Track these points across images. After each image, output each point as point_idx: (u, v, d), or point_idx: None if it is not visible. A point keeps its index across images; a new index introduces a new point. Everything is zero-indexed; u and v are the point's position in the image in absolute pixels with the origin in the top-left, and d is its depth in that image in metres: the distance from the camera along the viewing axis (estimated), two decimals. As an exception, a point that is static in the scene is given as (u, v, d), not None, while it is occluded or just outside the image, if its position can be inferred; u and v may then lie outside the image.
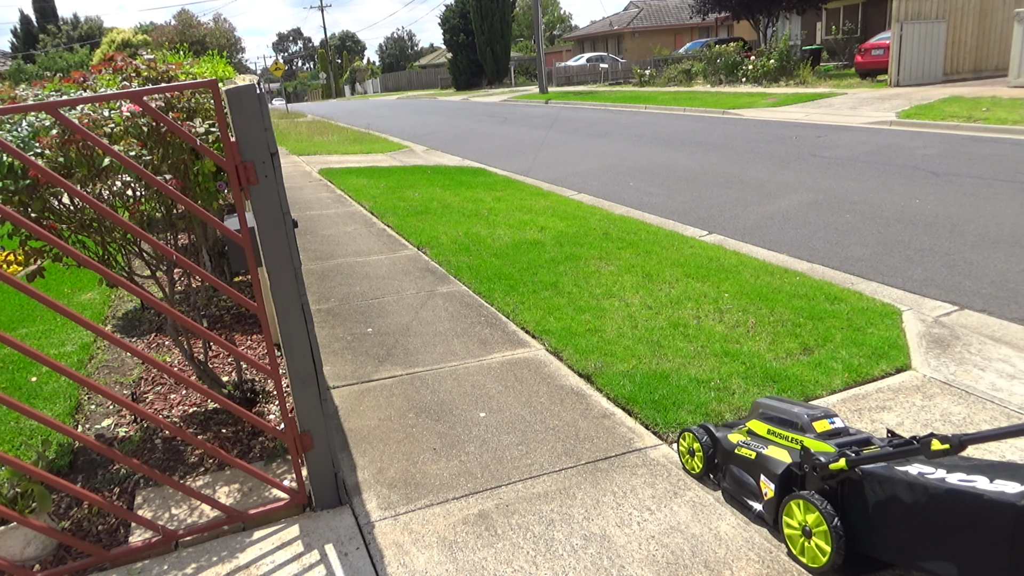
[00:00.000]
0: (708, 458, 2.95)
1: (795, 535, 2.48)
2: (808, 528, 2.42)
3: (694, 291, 5.30)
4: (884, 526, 2.26)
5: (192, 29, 56.99)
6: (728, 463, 2.86)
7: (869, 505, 2.29)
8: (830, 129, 14.18)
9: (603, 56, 43.24)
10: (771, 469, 2.61)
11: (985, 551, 1.99)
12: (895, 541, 2.24)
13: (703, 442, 2.96)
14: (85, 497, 2.52)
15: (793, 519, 2.48)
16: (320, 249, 7.30)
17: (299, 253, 2.73)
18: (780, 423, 2.71)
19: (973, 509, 2.00)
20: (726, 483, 2.88)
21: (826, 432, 2.57)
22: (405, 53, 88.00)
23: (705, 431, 3.00)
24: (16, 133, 2.81)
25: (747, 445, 2.77)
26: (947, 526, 2.09)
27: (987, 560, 1.99)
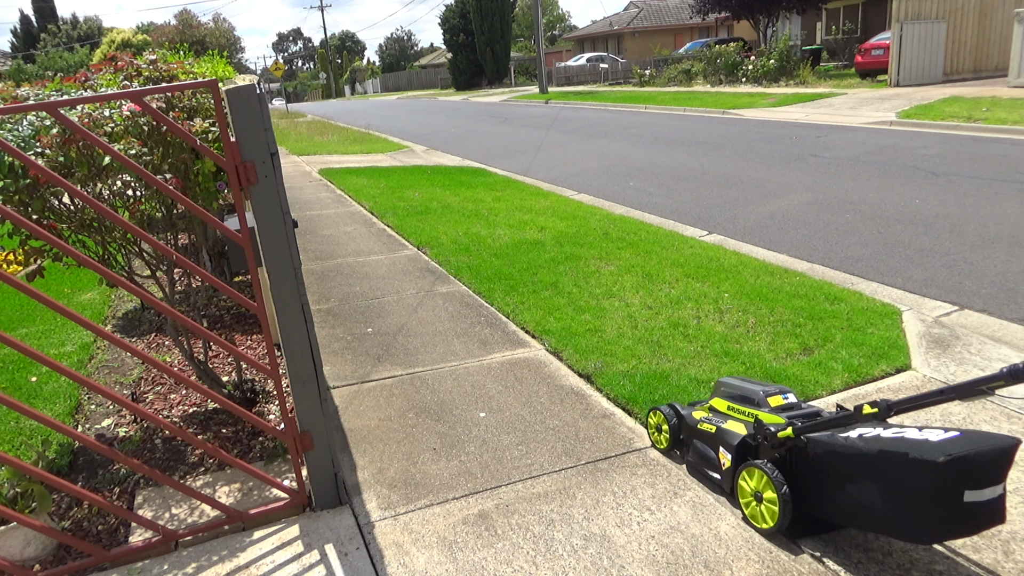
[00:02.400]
0: (674, 434, 3.14)
1: (748, 500, 2.68)
2: (759, 493, 2.61)
3: (694, 291, 5.30)
4: (827, 488, 2.45)
5: (192, 29, 57.00)
6: (692, 438, 3.04)
7: (814, 470, 2.48)
8: (830, 129, 14.19)
9: (603, 56, 43.24)
10: (728, 441, 2.79)
11: (912, 506, 2.18)
12: (837, 502, 2.42)
13: (669, 419, 3.15)
14: (85, 497, 2.52)
15: (747, 486, 2.68)
16: (320, 249, 7.30)
17: (299, 253, 2.73)
18: (739, 400, 2.89)
19: (901, 468, 2.19)
20: (690, 457, 3.06)
21: (779, 406, 2.75)
22: (405, 53, 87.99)
23: (671, 409, 3.18)
24: (17, 133, 2.81)
25: (709, 420, 2.95)
26: (879, 485, 2.27)
27: (913, 514, 2.18)
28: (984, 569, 2.42)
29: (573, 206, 8.87)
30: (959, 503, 2.12)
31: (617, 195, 9.56)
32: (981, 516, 2.18)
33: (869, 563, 2.47)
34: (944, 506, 2.13)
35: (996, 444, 2.17)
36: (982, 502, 2.14)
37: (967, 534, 2.29)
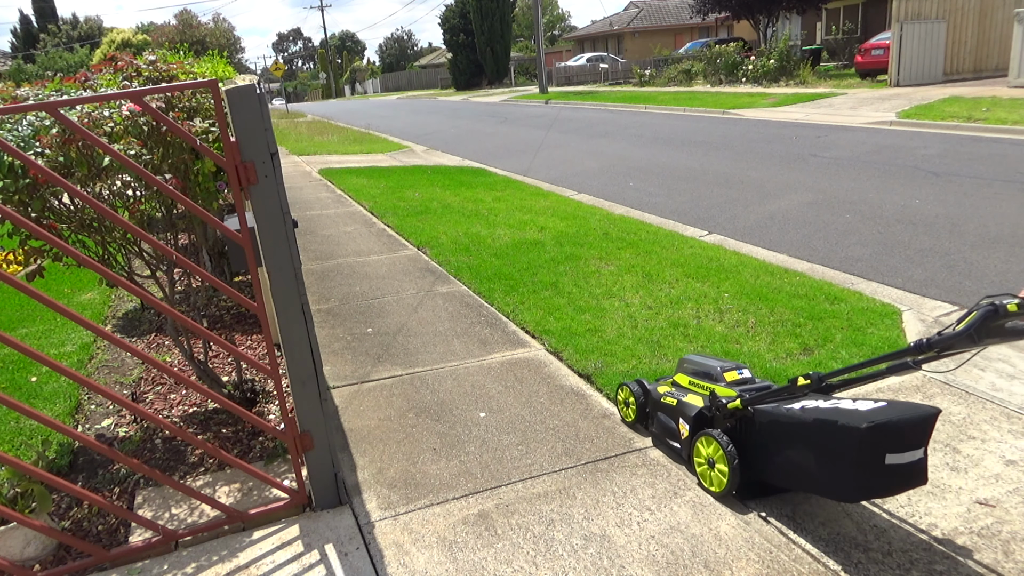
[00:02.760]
0: (640, 408, 3.38)
1: (702, 466, 2.92)
2: (712, 460, 2.86)
3: (694, 291, 5.30)
4: (771, 454, 2.69)
5: (192, 29, 56.98)
6: (656, 411, 3.27)
7: (760, 438, 2.73)
8: (830, 129, 14.19)
9: (603, 56, 43.23)
10: (687, 413, 3.02)
11: (840, 468, 2.43)
12: (780, 466, 2.67)
13: (636, 394, 3.39)
14: (85, 497, 2.52)
15: (701, 453, 2.92)
16: (320, 249, 7.30)
17: (299, 253, 2.73)
18: (699, 375, 3.11)
19: (831, 435, 2.43)
20: (654, 428, 3.30)
21: (734, 381, 2.98)
22: (405, 53, 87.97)
23: (639, 385, 3.41)
24: (16, 133, 2.81)
25: (671, 395, 3.17)
26: (813, 451, 2.51)
27: (841, 475, 2.43)
28: (984, 569, 2.42)
29: (573, 206, 8.87)
30: (881, 465, 2.36)
31: (617, 195, 9.56)
32: (902, 477, 2.43)
33: (869, 563, 2.47)
34: (867, 468, 2.37)
35: (916, 413, 2.42)
36: (902, 464, 2.39)
37: (890, 493, 2.54)
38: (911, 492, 2.84)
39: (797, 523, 2.70)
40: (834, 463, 2.45)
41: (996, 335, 2.23)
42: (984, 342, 2.25)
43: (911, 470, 2.43)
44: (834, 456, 2.44)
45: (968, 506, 2.74)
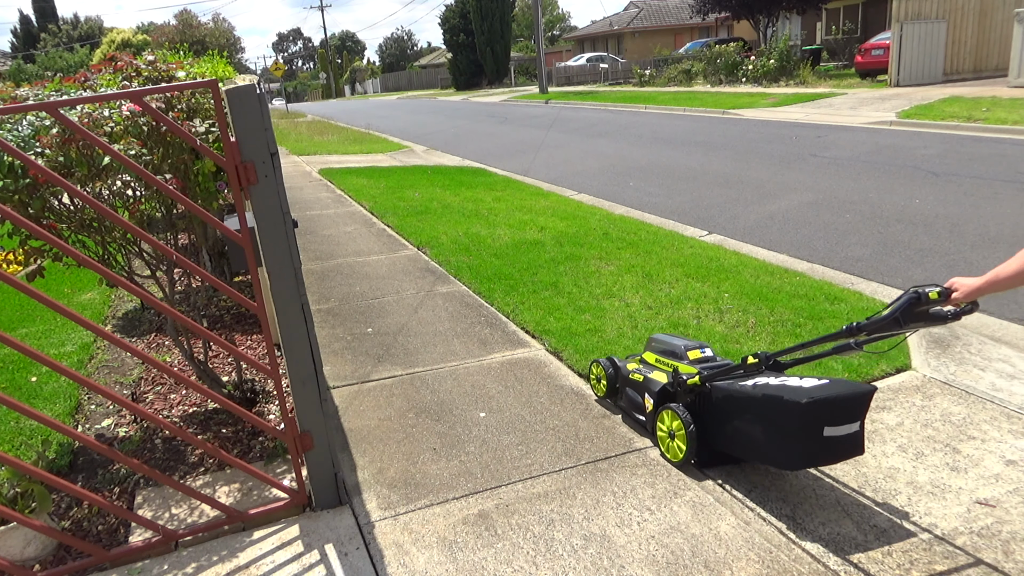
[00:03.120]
0: (610, 383, 3.61)
1: (664, 437, 3.16)
2: (673, 432, 3.08)
3: (694, 291, 5.30)
4: (726, 427, 2.91)
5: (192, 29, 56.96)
6: (625, 386, 3.50)
7: (717, 412, 2.94)
8: (830, 129, 14.19)
9: (603, 56, 43.22)
10: (652, 388, 3.24)
11: (783, 439, 2.68)
12: (733, 438, 2.89)
13: (607, 370, 3.61)
14: (85, 497, 2.52)
15: (663, 425, 3.15)
16: (320, 249, 7.30)
17: (299, 253, 2.73)
18: (665, 353, 3.33)
19: (776, 409, 2.65)
20: (622, 402, 3.55)
21: (697, 359, 3.19)
22: (405, 53, 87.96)
23: (610, 361, 3.64)
24: (16, 133, 2.81)
25: (638, 371, 3.40)
26: (761, 423, 2.74)
27: (785, 446, 2.68)
28: (984, 569, 2.42)
29: (573, 206, 8.87)
30: (820, 436, 2.61)
31: (617, 195, 9.56)
32: (840, 448, 2.68)
33: (869, 563, 2.48)
34: (807, 439, 2.62)
35: (853, 390, 2.66)
36: (839, 436, 2.64)
37: (828, 463, 2.89)
38: (911, 492, 2.85)
39: (797, 523, 2.70)
40: (778, 434, 2.69)
41: (920, 320, 2.48)
42: (909, 326, 2.48)
43: (848, 441, 2.67)
44: (778, 428, 2.68)
45: (968, 506, 2.74)
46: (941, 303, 2.45)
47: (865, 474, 2.99)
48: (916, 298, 2.43)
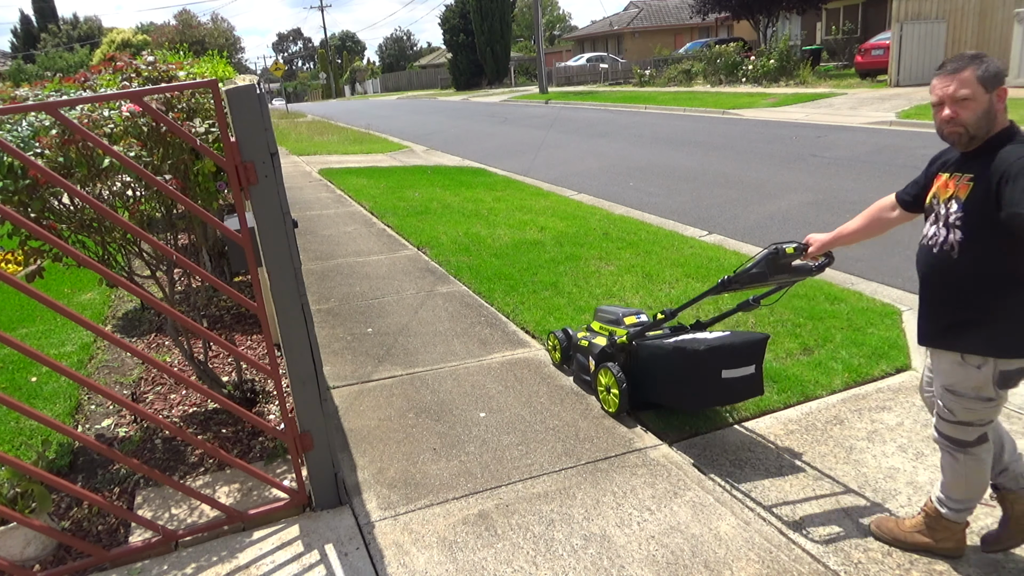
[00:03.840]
0: (564, 351, 4.05)
1: (603, 392, 3.59)
2: (608, 387, 3.53)
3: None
4: (649, 378, 3.39)
5: (192, 29, 56.96)
6: (575, 352, 3.93)
7: (642, 366, 3.42)
8: (830, 129, 14.19)
9: (603, 56, 43.20)
10: (594, 351, 3.70)
11: (689, 383, 3.20)
12: (654, 387, 3.39)
13: (561, 340, 4.06)
14: (85, 497, 2.52)
15: (601, 382, 3.59)
16: (320, 249, 7.30)
17: (299, 253, 2.73)
18: (608, 321, 3.75)
19: (683, 358, 3.16)
20: (574, 367, 3.97)
21: (632, 324, 3.61)
22: (405, 53, 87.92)
23: (564, 333, 4.08)
24: (16, 133, 2.81)
25: (585, 338, 3.84)
26: (673, 372, 3.25)
27: (690, 389, 3.21)
28: (984, 568, 2.42)
29: (573, 206, 8.87)
30: (719, 379, 3.10)
31: (617, 195, 9.56)
32: (738, 388, 3.19)
33: (869, 563, 2.48)
34: (708, 381, 3.13)
35: (747, 338, 3.17)
36: (737, 377, 3.13)
37: (730, 401, 3.39)
38: (911, 492, 2.85)
39: (797, 523, 2.70)
40: (685, 379, 3.21)
41: (785, 272, 2.89)
42: (775, 278, 2.90)
43: (745, 382, 3.17)
44: (685, 373, 3.19)
45: (968, 506, 2.74)
46: (798, 256, 2.85)
47: (865, 474, 2.99)
48: (775, 252, 2.84)
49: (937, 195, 2.27)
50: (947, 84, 2.12)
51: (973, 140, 2.14)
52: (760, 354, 3.18)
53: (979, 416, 2.25)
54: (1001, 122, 2.13)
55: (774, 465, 3.10)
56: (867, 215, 2.70)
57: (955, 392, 2.25)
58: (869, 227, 2.70)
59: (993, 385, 2.18)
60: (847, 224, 2.76)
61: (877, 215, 2.66)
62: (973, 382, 2.19)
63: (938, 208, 2.24)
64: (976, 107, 2.09)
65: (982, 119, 2.10)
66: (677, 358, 3.20)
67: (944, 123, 2.16)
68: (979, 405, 2.22)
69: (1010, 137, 2.11)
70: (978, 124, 2.11)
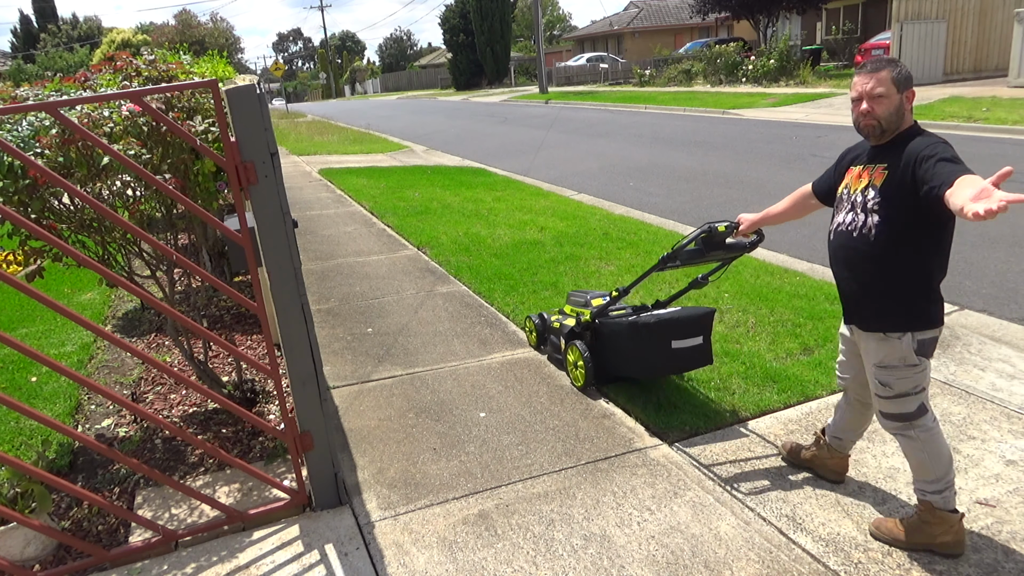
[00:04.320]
0: (539, 333, 4.39)
1: (571, 368, 3.93)
2: (576, 363, 3.86)
3: (694, 291, 5.29)
4: (610, 352, 3.74)
5: (192, 29, 56.95)
6: (549, 334, 4.29)
7: (605, 343, 3.77)
8: (830, 129, 14.19)
9: (603, 56, 43.19)
10: (564, 331, 4.03)
11: (642, 354, 3.59)
12: (614, 360, 3.73)
13: (537, 324, 4.39)
14: (85, 497, 2.52)
15: (570, 358, 3.93)
16: (320, 249, 7.30)
17: (299, 253, 2.73)
18: (578, 304, 4.05)
19: (637, 332, 3.55)
20: (548, 347, 4.32)
21: (599, 305, 3.88)
22: (405, 53, 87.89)
23: (539, 317, 4.41)
24: (16, 133, 2.81)
25: (558, 320, 4.18)
26: (629, 345, 3.61)
27: (644, 359, 3.61)
28: (984, 569, 2.42)
29: (573, 206, 8.86)
30: (669, 349, 3.48)
31: (617, 195, 9.55)
32: (688, 357, 3.55)
33: (869, 563, 2.48)
34: (660, 351, 3.50)
35: (695, 312, 3.55)
36: (686, 347, 3.50)
37: (682, 370, 3.75)
38: (911, 493, 2.83)
39: (797, 523, 2.70)
40: (640, 350, 3.57)
41: (720, 248, 3.17)
42: (712, 254, 3.19)
43: (695, 351, 3.54)
44: (639, 345, 3.55)
45: (968, 506, 2.74)
46: (730, 234, 3.14)
47: (865, 474, 2.99)
48: (709, 231, 3.14)
49: (849, 186, 2.51)
50: (866, 82, 2.36)
51: (884, 133, 2.39)
52: (708, 326, 3.56)
53: (912, 384, 2.42)
54: (908, 121, 2.40)
55: (774, 465, 3.10)
56: (790, 200, 2.96)
57: (886, 366, 2.43)
58: (791, 211, 2.98)
59: (914, 353, 2.39)
60: (773, 206, 3.03)
61: (799, 201, 2.93)
62: (898, 353, 2.40)
63: (854, 197, 2.47)
64: (889, 104, 2.35)
65: (893, 115, 2.36)
66: (633, 332, 3.56)
67: (861, 116, 2.40)
68: (909, 372, 2.40)
69: (917, 132, 2.38)
70: (890, 119, 2.36)
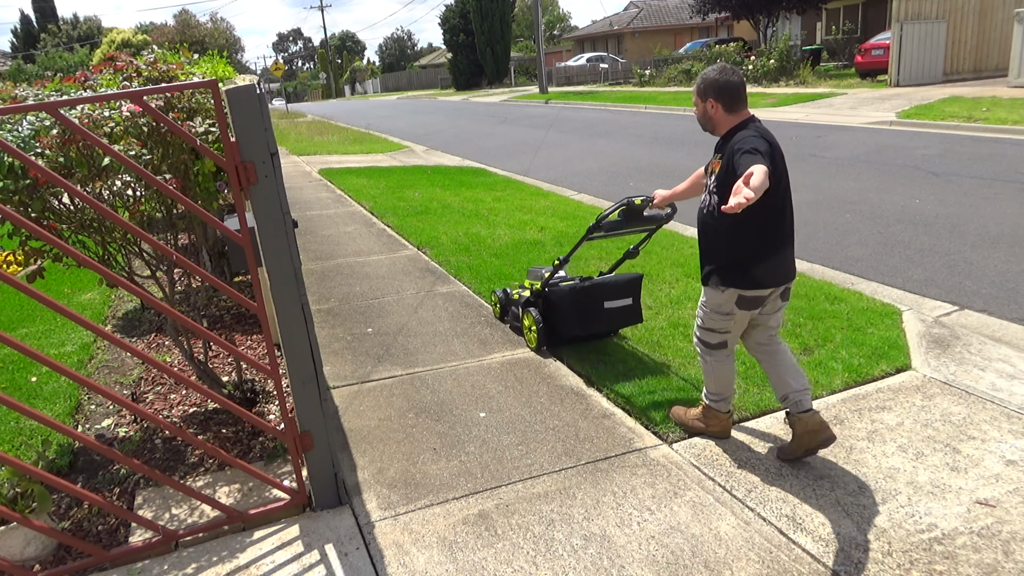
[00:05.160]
0: (503, 306, 4.90)
1: (527, 332, 4.49)
2: (530, 327, 4.43)
3: (694, 291, 5.29)
4: (556, 318, 4.28)
5: (192, 29, 56.93)
6: (511, 306, 4.79)
7: (553, 309, 4.31)
8: (830, 129, 14.19)
9: (603, 56, 43.19)
10: (521, 302, 4.57)
11: (580, 314, 4.17)
12: (561, 323, 4.27)
13: (501, 298, 4.90)
14: (85, 497, 2.52)
15: (525, 324, 4.50)
16: (320, 249, 7.30)
17: (299, 253, 2.73)
18: (534, 278, 4.55)
19: (576, 296, 4.14)
20: (509, 318, 4.84)
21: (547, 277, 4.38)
22: (405, 53, 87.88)
23: (503, 291, 4.91)
24: (17, 133, 2.81)
25: (518, 293, 4.71)
26: (571, 308, 4.17)
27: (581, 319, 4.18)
28: (984, 569, 2.42)
29: (573, 206, 8.86)
30: (602, 309, 4.16)
31: (617, 195, 9.54)
32: (619, 316, 4.25)
33: (869, 563, 2.48)
34: (594, 311, 4.16)
35: (623, 277, 4.22)
36: (618, 307, 4.19)
37: (616, 327, 4.43)
38: (911, 492, 2.85)
39: (797, 523, 2.70)
40: (578, 311, 4.16)
41: (639, 220, 3.75)
42: (631, 224, 3.73)
43: (626, 311, 4.23)
44: (577, 306, 4.15)
45: (968, 506, 2.74)
46: (646, 207, 3.73)
47: (865, 474, 3.00)
48: (627, 204, 3.67)
49: (710, 171, 3.08)
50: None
51: (713, 131, 3.05)
52: (636, 289, 4.21)
53: (718, 326, 3.11)
54: (727, 121, 2.96)
55: (774, 465, 3.10)
56: (691, 180, 3.53)
57: (706, 307, 3.13)
58: (692, 189, 3.55)
59: (734, 305, 3.00)
60: (680, 184, 3.62)
61: (696, 181, 3.48)
62: (717, 300, 3.05)
63: (707, 181, 3.09)
64: (698, 110, 3.07)
65: (702, 118, 3.07)
66: (572, 295, 4.15)
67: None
68: (718, 317, 3.09)
69: (743, 126, 2.91)
70: (702, 121, 3.09)
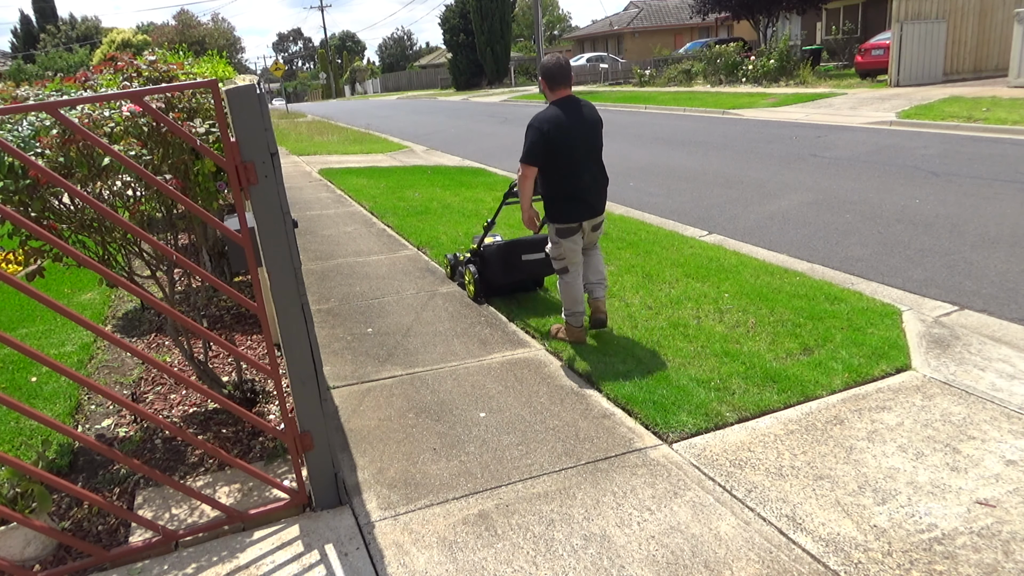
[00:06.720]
0: (452, 267, 5.89)
1: (468, 285, 5.43)
2: (470, 281, 5.37)
3: (694, 291, 5.30)
4: (489, 272, 5.25)
5: (192, 29, 56.94)
6: (458, 266, 5.78)
7: (487, 265, 5.26)
8: (830, 129, 14.19)
9: (603, 56, 43.18)
10: (463, 262, 5.55)
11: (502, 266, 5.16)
12: (493, 277, 5.25)
13: (450, 260, 5.92)
14: (85, 497, 2.52)
15: (466, 278, 5.47)
16: (320, 249, 7.30)
17: (299, 253, 2.73)
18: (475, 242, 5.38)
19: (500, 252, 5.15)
20: (457, 277, 5.82)
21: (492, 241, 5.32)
22: (405, 53, 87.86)
23: (453, 256, 5.92)
24: (17, 133, 2.81)
25: (463, 255, 5.65)
26: (498, 263, 5.16)
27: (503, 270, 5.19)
28: (984, 569, 2.42)
29: (573, 206, 8.84)
30: (521, 261, 5.14)
31: (617, 195, 9.54)
32: (536, 267, 5.18)
33: (869, 563, 2.48)
34: (514, 263, 5.15)
35: (537, 236, 4.98)
36: (533, 260, 5.12)
37: (535, 275, 5.40)
38: (911, 492, 2.85)
39: (797, 523, 2.70)
40: (501, 263, 5.14)
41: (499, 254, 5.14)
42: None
43: (540, 263, 5.10)
44: (500, 260, 5.14)
45: (968, 506, 2.74)
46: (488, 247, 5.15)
47: (865, 474, 3.00)
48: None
49: None
50: None
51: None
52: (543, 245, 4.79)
53: (557, 252, 4.33)
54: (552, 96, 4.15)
55: (774, 465, 3.10)
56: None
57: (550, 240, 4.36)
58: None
59: (556, 234, 4.28)
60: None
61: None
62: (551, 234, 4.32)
63: None
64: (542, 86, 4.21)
65: (544, 93, 4.21)
66: (497, 251, 5.12)
67: None
68: (554, 247, 4.32)
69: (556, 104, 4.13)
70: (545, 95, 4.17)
